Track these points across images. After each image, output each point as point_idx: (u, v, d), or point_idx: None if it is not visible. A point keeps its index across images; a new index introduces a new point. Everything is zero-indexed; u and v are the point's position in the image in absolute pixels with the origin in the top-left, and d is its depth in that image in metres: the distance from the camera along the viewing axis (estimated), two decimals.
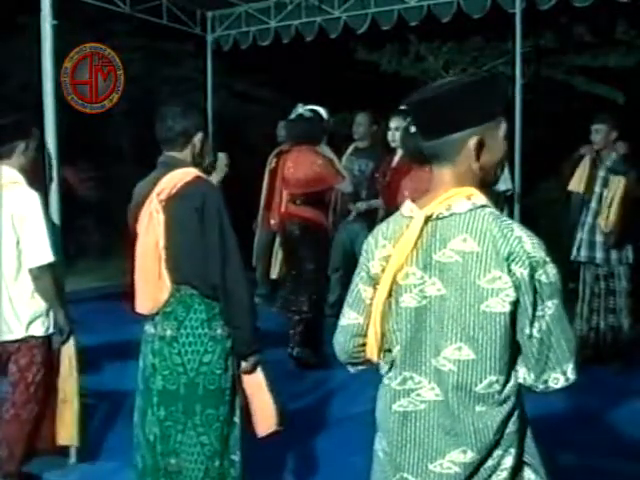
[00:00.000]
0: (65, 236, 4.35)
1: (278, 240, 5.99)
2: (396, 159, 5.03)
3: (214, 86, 8.20)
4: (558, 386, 1.68)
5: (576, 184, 5.44)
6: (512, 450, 1.71)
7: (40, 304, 3.39)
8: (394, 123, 4.98)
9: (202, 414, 2.67)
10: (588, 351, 5.39)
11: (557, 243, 6.53)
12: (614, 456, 3.82)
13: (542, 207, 7.92)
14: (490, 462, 1.71)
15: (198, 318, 2.66)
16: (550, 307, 1.65)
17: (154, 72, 10.79)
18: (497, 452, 1.70)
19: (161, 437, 2.72)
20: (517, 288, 1.63)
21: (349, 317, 1.85)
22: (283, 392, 4.32)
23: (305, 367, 5.37)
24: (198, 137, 2.77)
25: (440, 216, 1.68)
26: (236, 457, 2.76)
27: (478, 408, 1.68)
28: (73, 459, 3.75)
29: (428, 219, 1.69)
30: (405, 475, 1.75)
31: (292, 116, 5.47)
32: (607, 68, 8.46)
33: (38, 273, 3.31)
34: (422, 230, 1.69)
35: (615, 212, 5.13)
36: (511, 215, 5.75)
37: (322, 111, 5.43)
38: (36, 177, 3.87)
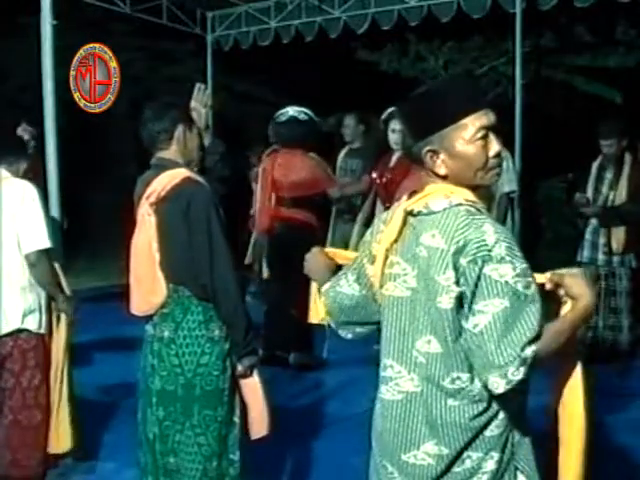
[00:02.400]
0: (65, 236, 4.36)
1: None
2: (394, 159, 5.01)
3: (214, 86, 8.19)
4: (500, 390, 1.60)
5: None
6: (494, 454, 1.70)
7: (36, 298, 3.34)
8: (396, 125, 4.93)
9: (200, 415, 2.67)
10: (585, 350, 5.39)
11: (558, 243, 6.54)
12: (612, 456, 3.82)
13: (542, 207, 7.91)
14: (469, 464, 1.70)
15: (195, 320, 2.66)
16: (496, 306, 1.58)
17: (154, 72, 10.79)
18: (476, 454, 1.69)
19: (160, 436, 2.72)
20: (461, 281, 1.63)
21: (352, 286, 1.94)
22: (282, 393, 4.31)
23: (303, 369, 5.35)
24: (179, 131, 2.74)
25: (420, 213, 1.72)
26: (235, 457, 2.75)
27: (450, 402, 1.68)
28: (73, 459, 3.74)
29: (409, 214, 1.74)
30: (384, 462, 1.79)
31: (282, 118, 5.37)
32: (607, 68, 8.46)
33: (35, 259, 3.24)
34: (405, 223, 1.74)
35: (622, 237, 5.22)
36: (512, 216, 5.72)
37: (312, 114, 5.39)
38: (36, 177, 3.86)
